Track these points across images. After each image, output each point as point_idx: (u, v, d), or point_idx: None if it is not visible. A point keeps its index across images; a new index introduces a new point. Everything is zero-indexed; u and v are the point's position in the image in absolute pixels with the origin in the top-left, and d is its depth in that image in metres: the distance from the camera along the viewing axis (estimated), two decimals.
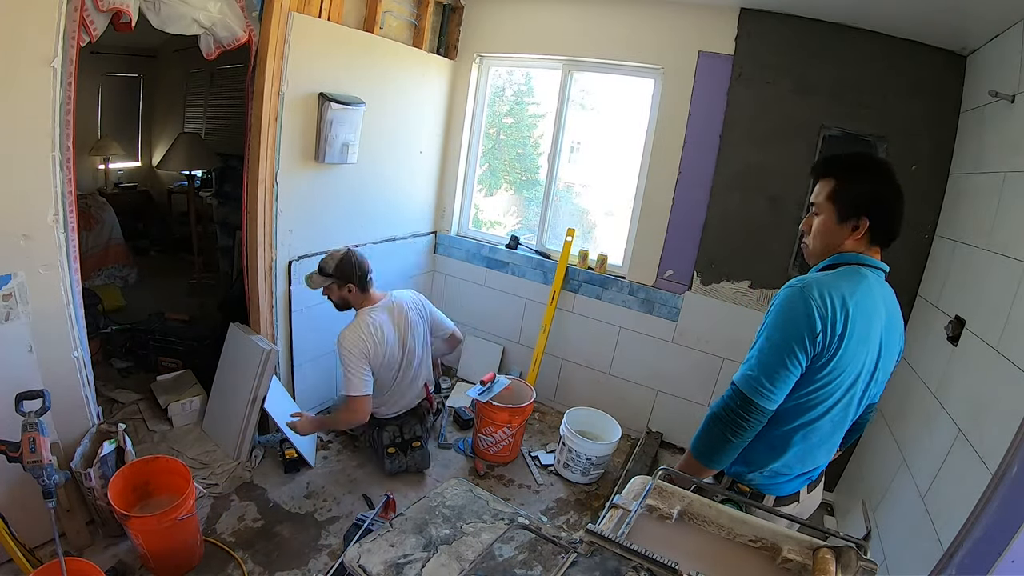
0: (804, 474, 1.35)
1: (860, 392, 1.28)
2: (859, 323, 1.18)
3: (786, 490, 1.35)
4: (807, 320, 1.15)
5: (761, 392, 1.20)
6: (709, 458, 1.28)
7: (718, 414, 1.26)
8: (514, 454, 2.87)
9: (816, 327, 1.15)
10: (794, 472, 1.33)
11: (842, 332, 1.16)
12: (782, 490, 1.34)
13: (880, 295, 1.26)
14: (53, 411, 1.69)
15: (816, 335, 1.15)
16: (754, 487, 1.33)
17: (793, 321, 1.17)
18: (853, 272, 1.23)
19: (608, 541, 0.91)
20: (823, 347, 1.17)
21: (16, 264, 1.69)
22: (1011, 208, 1.81)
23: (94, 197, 4.47)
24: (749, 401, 1.21)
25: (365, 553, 0.98)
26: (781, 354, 1.18)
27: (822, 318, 1.15)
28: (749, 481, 1.34)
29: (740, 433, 1.23)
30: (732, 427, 1.23)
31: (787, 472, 1.32)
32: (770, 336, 1.21)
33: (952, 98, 2.35)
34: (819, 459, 1.35)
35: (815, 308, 1.15)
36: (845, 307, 1.16)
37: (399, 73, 2.95)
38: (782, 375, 1.19)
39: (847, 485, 2.73)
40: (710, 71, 2.72)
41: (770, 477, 1.32)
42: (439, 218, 3.64)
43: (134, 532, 1.81)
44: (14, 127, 1.63)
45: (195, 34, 2.09)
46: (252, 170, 2.37)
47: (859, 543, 0.98)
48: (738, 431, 1.23)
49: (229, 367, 2.61)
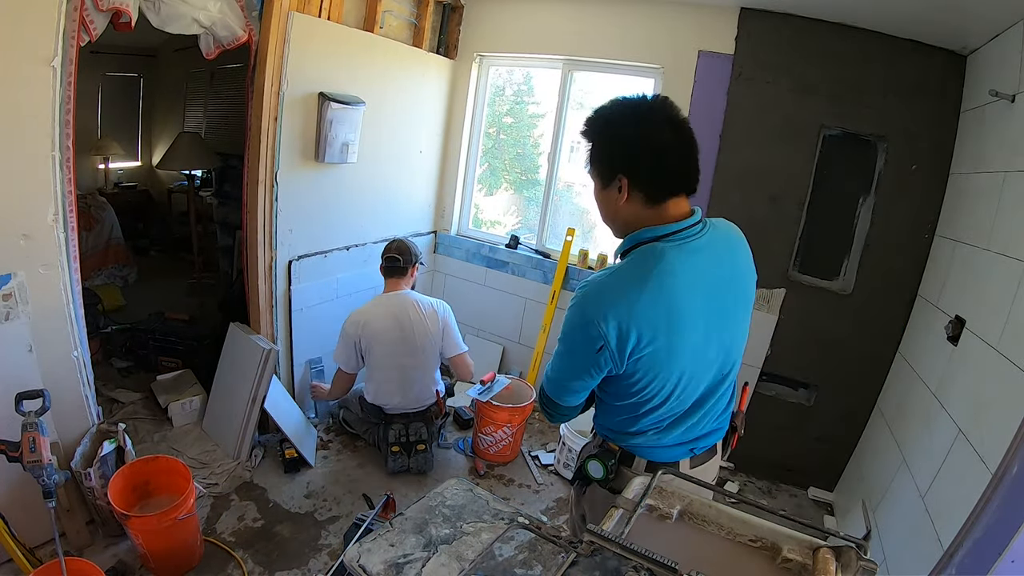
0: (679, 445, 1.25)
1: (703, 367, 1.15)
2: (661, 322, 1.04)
3: (660, 457, 1.24)
4: (584, 333, 1.06)
5: (561, 396, 1.21)
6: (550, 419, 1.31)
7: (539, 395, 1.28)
8: (514, 454, 2.87)
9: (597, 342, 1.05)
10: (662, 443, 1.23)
11: (636, 341, 1.05)
12: (655, 455, 1.24)
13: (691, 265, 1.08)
14: (53, 411, 1.69)
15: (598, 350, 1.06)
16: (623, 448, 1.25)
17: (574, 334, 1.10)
18: (643, 259, 1.06)
19: (608, 541, 0.91)
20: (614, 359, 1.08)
21: (16, 264, 1.69)
22: (1011, 208, 1.81)
23: (94, 197, 4.47)
24: (552, 400, 1.23)
25: (365, 553, 0.97)
26: (568, 365, 1.15)
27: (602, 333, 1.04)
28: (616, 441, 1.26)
29: (556, 419, 1.28)
30: (548, 413, 1.27)
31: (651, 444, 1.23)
32: (560, 352, 1.16)
33: (952, 98, 2.35)
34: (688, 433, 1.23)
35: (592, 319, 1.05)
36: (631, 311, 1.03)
37: (399, 73, 2.95)
38: (575, 385, 1.17)
39: (847, 485, 2.73)
40: (710, 71, 2.72)
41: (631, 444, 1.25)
42: (439, 218, 3.64)
43: (134, 532, 1.81)
44: (14, 127, 1.63)
45: (195, 34, 2.09)
46: (252, 170, 2.37)
47: (859, 543, 0.98)
48: (554, 417, 1.27)
49: (229, 367, 2.61)
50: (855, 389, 2.69)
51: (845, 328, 2.65)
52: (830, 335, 2.69)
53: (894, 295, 2.56)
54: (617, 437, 1.26)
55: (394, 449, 2.54)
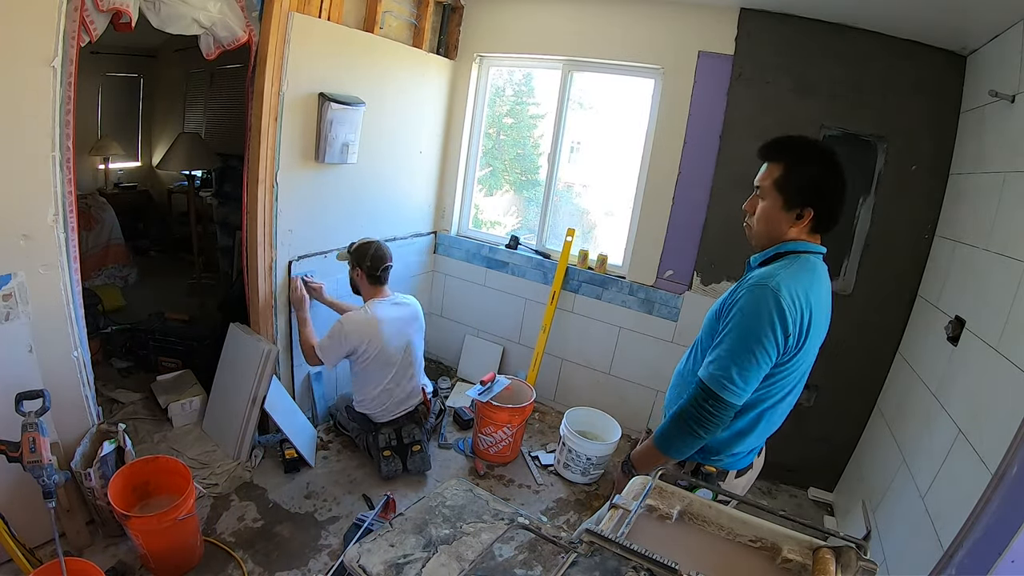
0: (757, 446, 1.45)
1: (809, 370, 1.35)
2: (816, 315, 1.22)
3: (744, 463, 1.42)
4: (781, 322, 1.17)
5: (730, 389, 1.21)
6: (675, 451, 1.31)
7: (687, 411, 1.26)
8: (514, 454, 2.87)
9: (789, 327, 1.18)
10: (753, 446, 1.41)
11: (807, 328, 1.21)
12: (740, 464, 1.41)
13: (826, 282, 1.30)
14: (53, 411, 1.69)
15: (788, 335, 1.19)
16: (717, 467, 1.39)
17: (768, 321, 1.18)
18: (807, 263, 1.25)
19: (608, 541, 0.91)
20: (793, 345, 1.21)
21: (16, 264, 1.69)
22: (1011, 208, 1.81)
23: (94, 197, 4.47)
24: (718, 398, 1.22)
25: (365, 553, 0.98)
26: (753, 352, 1.19)
27: (793, 320, 1.18)
28: (715, 463, 1.38)
29: (709, 428, 1.25)
30: (701, 423, 1.24)
31: (749, 450, 1.40)
32: (742, 335, 1.21)
33: (952, 98, 2.36)
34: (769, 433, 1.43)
35: (787, 310, 1.17)
36: (809, 304, 1.20)
37: (399, 73, 2.95)
38: (753, 372, 1.21)
39: (847, 485, 2.73)
40: (710, 71, 2.72)
41: (732, 457, 1.38)
42: (439, 218, 3.64)
43: (134, 532, 1.81)
44: (14, 127, 1.63)
45: (195, 34, 2.08)
46: (252, 170, 2.37)
47: (859, 543, 0.98)
48: (707, 426, 1.24)
49: (229, 367, 2.61)
50: (855, 389, 2.69)
51: (845, 328, 2.64)
52: (830, 335, 2.68)
53: (894, 295, 2.56)
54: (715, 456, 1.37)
55: (385, 454, 2.53)
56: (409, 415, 2.64)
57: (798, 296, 1.18)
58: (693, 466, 1.39)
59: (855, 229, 2.62)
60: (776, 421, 1.39)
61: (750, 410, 1.31)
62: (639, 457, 1.38)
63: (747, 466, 1.44)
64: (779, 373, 1.25)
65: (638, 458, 1.38)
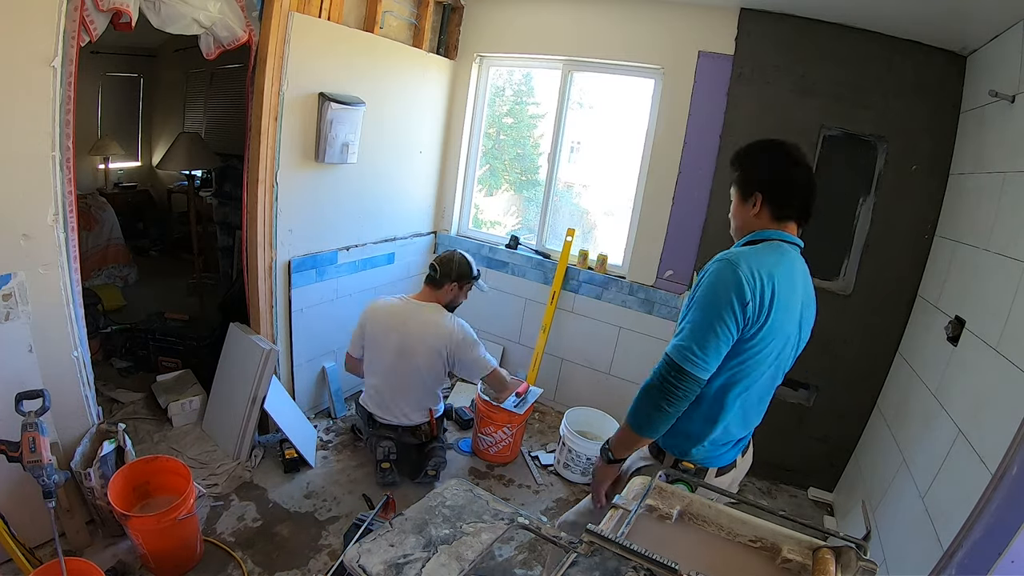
0: (739, 442, 1.44)
1: (786, 360, 1.36)
2: (783, 293, 1.24)
3: (725, 460, 1.42)
4: (738, 290, 1.20)
5: (693, 361, 1.23)
6: (644, 428, 1.31)
7: (653, 384, 1.28)
8: (514, 454, 2.87)
9: (746, 296, 1.20)
10: (733, 437, 1.40)
11: (770, 302, 1.22)
12: (722, 460, 1.41)
13: (799, 269, 1.33)
14: (53, 411, 1.69)
15: (746, 304, 1.20)
16: (696, 463, 1.38)
17: (724, 292, 1.21)
18: (775, 246, 1.30)
19: (608, 541, 0.91)
20: (753, 316, 1.22)
21: (16, 264, 1.69)
22: (1011, 208, 1.81)
23: (94, 197, 4.47)
24: (681, 370, 1.23)
25: (365, 553, 0.97)
26: (712, 323, 1.22)
27: (751, 288, 1.20)
28: (691, 457, 1.38)
29: (674, 402, 1.25)
30: (666, 396, 1.25)
31: (727, 441, 1.39)
32: (702, 307, 1.24)
33: (952, 98, 2.36)
34: (749, 426, 1.43)
35: (744, 279, 1.20)
36: (771, 278, 1.22)
37: (399, 73, 2.95)
38: (713, 344, 1.22)
39: (847, 485, 2.73)
40: (710, 71, 2.72)
41: (711, 449, 1.37)
42: (439, 218, 3.64)
43: (134, 532, 1.81)
44: (14, 127, 1.63)
45: (195, 34, 2.08)
46: (252, 170, 2.37)
47: (859, 543, 0.98)
48: (672, 400, 1.25)
49: (229, 367, 2.61)
50: (855, 389, 2.69)
51: (845, 328, 2.65)
52: (830, 335, 2.69)
53: (894, 295, 2.56)
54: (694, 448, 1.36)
55: (384, 466, 2.50)
56: (409, 430, 2.55)
57: (757, 270, 1.21)
58: (672, 460, 1.39)
59: (855, 229, 2.62)
60: (752, 411, 1.38)
61: (719, 392, 1.30)
62: (616, 441, 1.40)
63: (730, 464, 1.43)
64: (745, 351, 1.26)
65: (615, 442, 1.40)
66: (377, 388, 2.53)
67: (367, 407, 2.57)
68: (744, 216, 1.39)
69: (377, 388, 2.53)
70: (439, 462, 2.57)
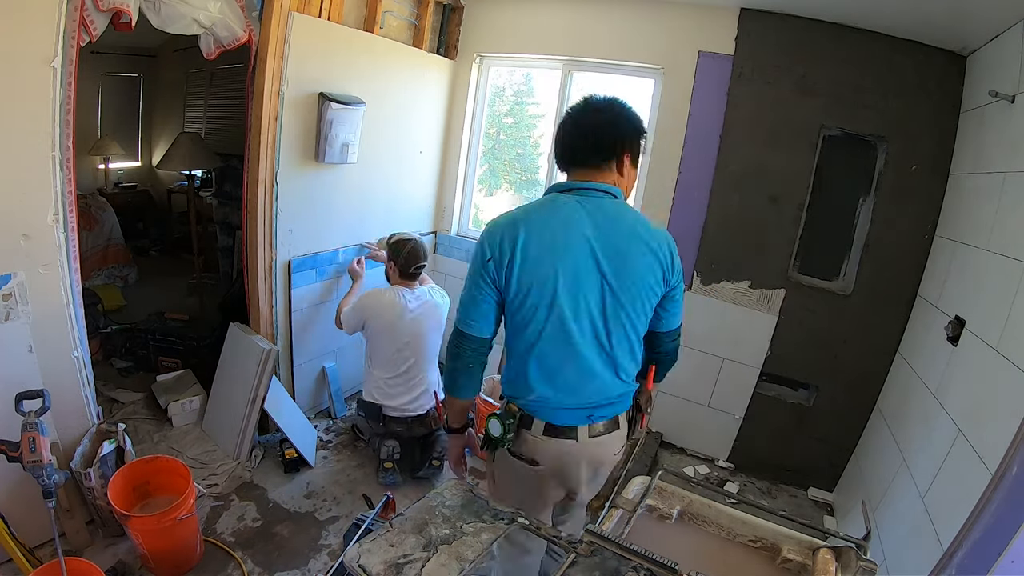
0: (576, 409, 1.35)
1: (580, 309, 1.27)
2: (535, 242, 1.26)
3: (557, 419, 1.36)
4: (480, 249, 1.31)
5: (465, 322, 1.34)
6: (450, 388, 1.43)
7: (447, 346, 1.40)
8: None
9: (486, 253, 1.29)
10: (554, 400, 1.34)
11: (511, 252, 1.26)
12: (553, 417, 1.36)
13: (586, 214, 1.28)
14: (53, 411, 1.68)
15: (487, 260, 1.28)
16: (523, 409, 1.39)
17: (473, 255, 1.33)
18: (545, 199, 1.35)
19: (608, 541, 0.91)
20: (497, 270, 1.28)
21: (16, 264, 1.69)
22: (1011, 208, 1.81)
23: (94, 197, 4.47)
24: (458, 332, 1.36)
25: (365, 553, 0.97)
26: (468, 285, 1.34)
27: (491, 245, 1.28)
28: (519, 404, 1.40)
29: (459, 360, 1.37)
30: (453, 356, 1.38)
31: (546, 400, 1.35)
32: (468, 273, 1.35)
33: (952, 98, 2.35)
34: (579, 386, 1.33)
35: (484, 237, 1.30)
36: (515, 230, 1.27)
37: (399, 73, 2.95)
38: (475, 303, 1.32)
39: (847, 485, 2.73)
40: (710, 71, 2.72)
41: (535, 402, 1.37)
42: (439, 218, 3.64)
43: (134, 532, 1.81)
44: (14, 127, 1.63)
45: (195, 34, 2.08)
46: (252, 170, 2.37)
47: (859, 543, 0.98)
48: (457, 358, 1.37)
49: (229, 367, 2.61)
50: (855, 389, 2.69)
51: (845, 328, 2.65)
52: (830, 335, 2.69)
53: (894, 295, 2.56)
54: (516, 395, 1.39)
55: (387, 465, 2.51)
56: (419, 419, 2.59)
57: (503, 225, 1.29)
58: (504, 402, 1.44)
59: (855, 229, 2.62)
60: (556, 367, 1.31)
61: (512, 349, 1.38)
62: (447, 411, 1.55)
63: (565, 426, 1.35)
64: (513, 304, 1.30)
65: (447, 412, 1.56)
66: (388, 376, 2.55)
67: (376, 400, 2.57)
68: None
69: (388, 376, 2.55)
70: (444, 450, 2.58)
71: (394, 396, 2.56)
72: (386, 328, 2.50)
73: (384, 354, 2.54)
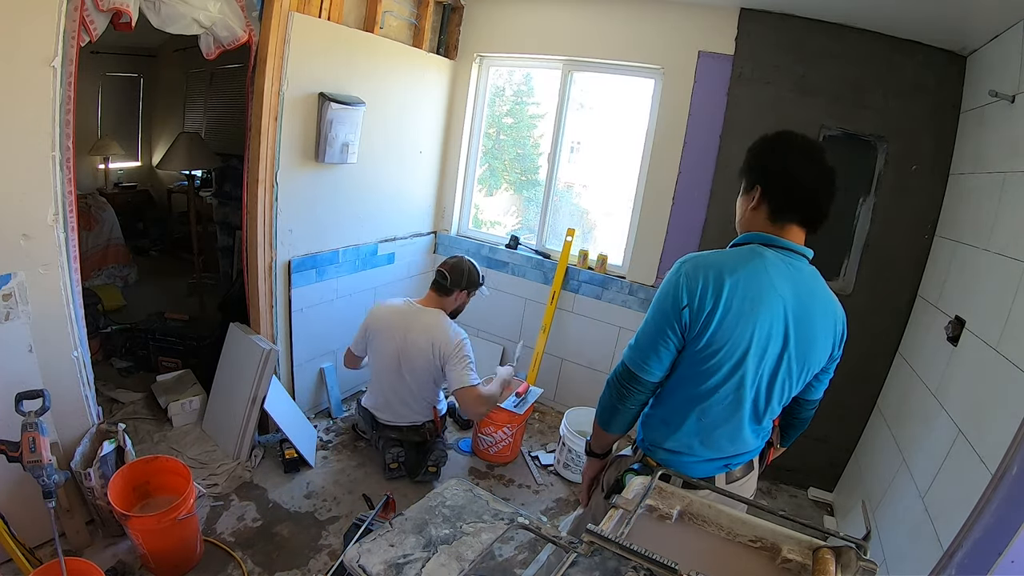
0: (714, 460, 1.31)
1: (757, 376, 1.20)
2: (738, 300, 1.14)
3: (695, 472, 1.30)
4: (674, 292, 1.18)
5: (639, 364, 1.24)
6: (605, 423, 1.35)
7: (610, 382, 1.31)
8: (514, 454, 2.87)
9: (683, 300, 1.16)
10: (698, 454, 1.29)
11: (713, 306, 1.14)
12: (691, 471, 1.30)
13: (787, 277, 1.18)
14: (53, 411, 1.69)
15: (683, 308, 1.16)
16: (660, 462, 1.31)
17: (664, 294, 1.21)
18: (749, 251, 1.21)
19: (608, 541, 0.91)
20: (692, 319, 1.16)
21: (16, 264, 1.69)
22: (1011, 208, 1.81)
23: (94, 197, 4.46)
24: (630, 372, 1.26)
25: (365, 553, 0.97)
26: (652, 327, 1.22)
27: (690, 291, 1.16)
28: (656, 457, 1.34)
29: (625, 401, 1.28)
30: (619, 395, 1.29)
31: (689, 452, 1.29)
32: (650, 309, 1.24)
33: (952, 98, 2.36)
34: (724, 445, 1.28)
35: (683, 281, 1.17)
36: (720, 281, 1.14)
37: (399, 73, 2.95)
38: (656, 347, 1.22)
39: (847, 485, 2.73)
40: (710, 71, 2.73)
41: (674, 454, 1.31)
42: (439, 218, 3.64)
43: (134, 532, 1.81)
44: (14, 127, 1.63)
45: (195, 34, 2.08)
46: (252, 170, 2.37)
47: (859, 543, 0.98)
48: (623, 399, 1.28)
49: (229, 367, 2.61)
50: (855, 389, 2.68)
51: None
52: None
53: (894, 295, 2.56)
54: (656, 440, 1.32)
55: (392, 466, 2.52)
56: (414, 429, 2.55)
57: (704, 272, 1.16)
58: (641, 455, 1.37)
59: (855, 229, 2.62)
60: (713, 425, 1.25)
61: (675, 398, 1.27)
62: (592, 437, 1.46)
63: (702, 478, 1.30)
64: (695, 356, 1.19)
65: (592, 437, 1.46)
66: (379, 390, 2.53)
67: (369, 408, 2.57)
68: (743, 208, 1.29)
69: (379, 390, 2.53)
70: (440, 456, 2.57)
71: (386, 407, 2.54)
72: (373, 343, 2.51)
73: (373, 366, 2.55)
